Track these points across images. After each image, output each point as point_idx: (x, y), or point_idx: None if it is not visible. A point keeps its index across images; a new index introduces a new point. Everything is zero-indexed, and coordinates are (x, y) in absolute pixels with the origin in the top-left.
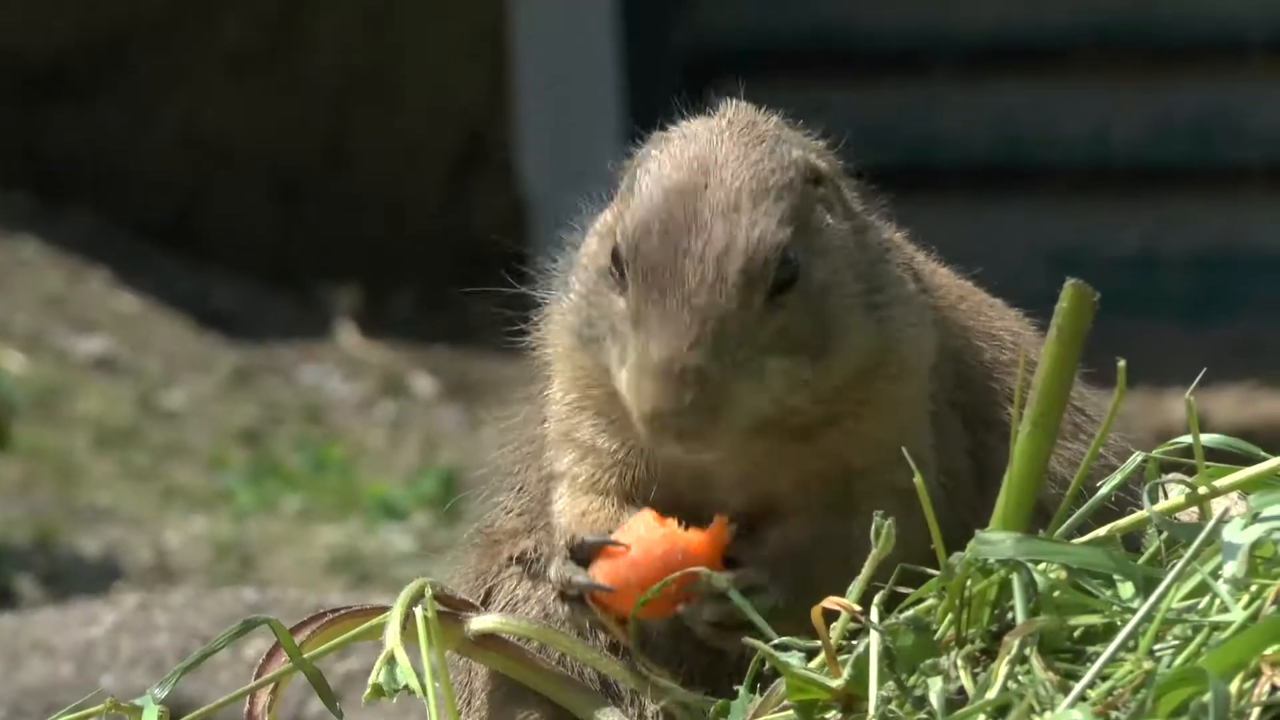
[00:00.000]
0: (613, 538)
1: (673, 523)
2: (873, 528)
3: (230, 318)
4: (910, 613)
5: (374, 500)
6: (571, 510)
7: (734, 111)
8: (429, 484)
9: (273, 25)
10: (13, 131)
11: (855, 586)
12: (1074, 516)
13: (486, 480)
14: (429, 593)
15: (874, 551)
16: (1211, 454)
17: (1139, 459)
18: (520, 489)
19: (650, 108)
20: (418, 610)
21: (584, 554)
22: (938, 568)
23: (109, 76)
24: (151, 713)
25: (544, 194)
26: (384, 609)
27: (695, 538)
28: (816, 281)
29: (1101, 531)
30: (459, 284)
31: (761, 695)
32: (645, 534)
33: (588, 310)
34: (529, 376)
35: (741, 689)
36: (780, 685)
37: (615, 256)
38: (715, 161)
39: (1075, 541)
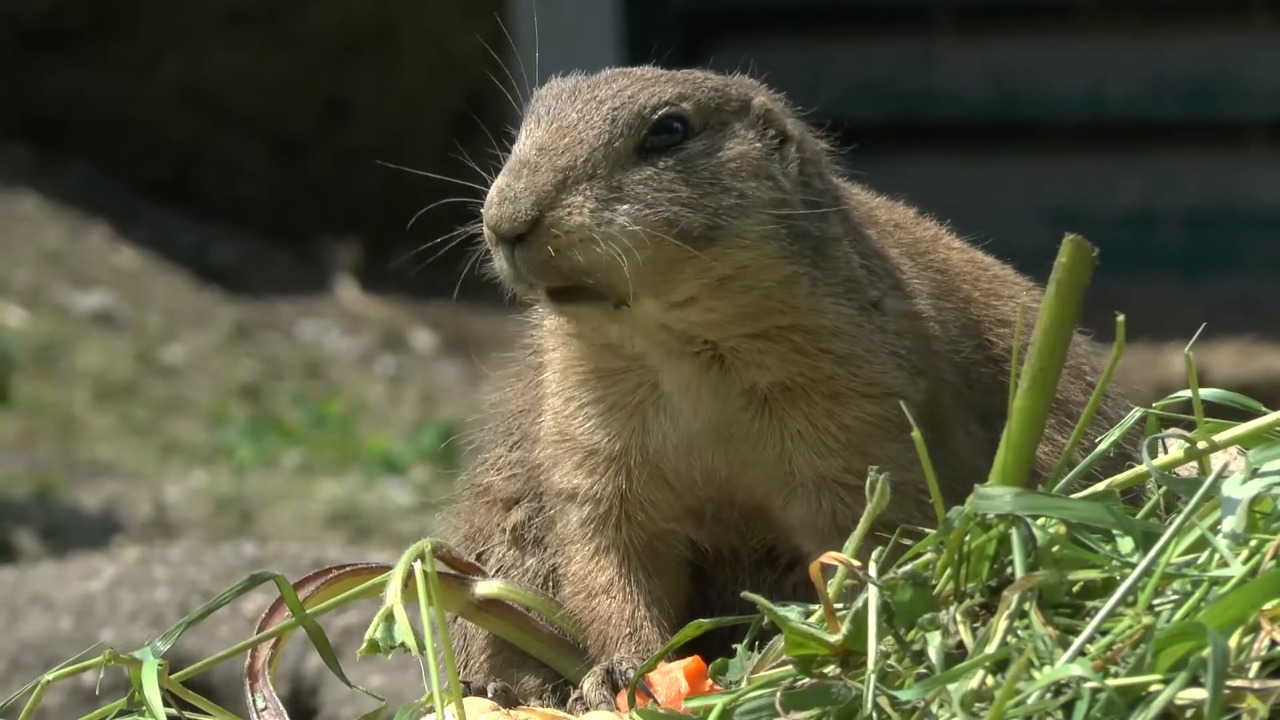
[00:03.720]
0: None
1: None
2: (867, 483)
3: (230, 273)
4: (909, 567)
5: (373, 454)
6: (579, 571)
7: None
8: (428, 438)
9: None
10: (10, 85)
11: (852, 542)
12: (1073, 471)
13: (479, 431)
14: (430, 553)
15: (869, 506)
16: (1210, 409)
17: (1138, 414)
18: (514, 446)
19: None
20: (419, 570)
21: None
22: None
23: (107, 31)
24: (151, 666)
25: None
26: (387, 568)
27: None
28: (714, 160)
29: (1100, 486)
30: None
31: (760, 652)
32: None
33: None
34: (524, 335)
35: (741, 646)
36: (779, 640)
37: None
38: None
39: (1074, 496)
